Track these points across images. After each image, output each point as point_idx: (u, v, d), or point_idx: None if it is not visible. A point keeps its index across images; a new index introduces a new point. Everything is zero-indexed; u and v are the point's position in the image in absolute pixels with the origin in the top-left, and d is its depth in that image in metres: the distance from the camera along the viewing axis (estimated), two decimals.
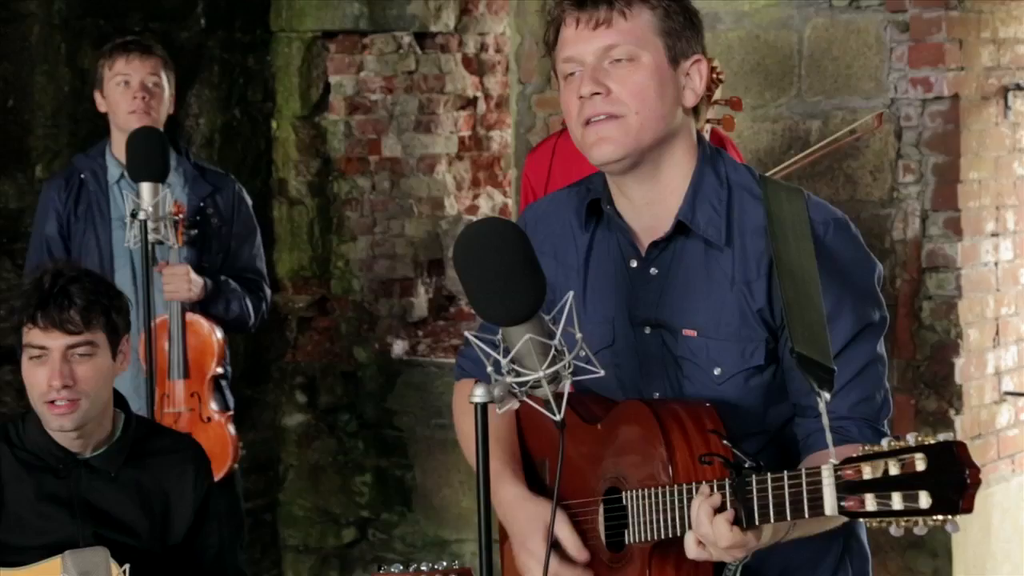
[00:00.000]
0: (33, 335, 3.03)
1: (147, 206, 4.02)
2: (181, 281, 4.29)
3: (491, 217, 2.19)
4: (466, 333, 2.08)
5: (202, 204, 4.46)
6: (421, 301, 6.19)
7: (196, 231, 4.40)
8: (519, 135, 5.47)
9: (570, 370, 2.03)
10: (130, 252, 4.35)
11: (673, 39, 2.27)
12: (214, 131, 5.87)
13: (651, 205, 2.31)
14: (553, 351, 2.01)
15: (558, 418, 2.05)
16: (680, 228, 2.28)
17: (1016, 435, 4.97)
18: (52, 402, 3.02)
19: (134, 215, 4.02)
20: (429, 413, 5.85)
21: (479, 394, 2.01)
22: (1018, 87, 4.80)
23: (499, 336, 2.06)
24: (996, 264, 4.79)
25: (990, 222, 4.76)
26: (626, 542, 2.22)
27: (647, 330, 2.31)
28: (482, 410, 2.02)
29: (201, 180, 4.49)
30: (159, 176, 4.08)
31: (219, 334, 4.40)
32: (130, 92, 4.35)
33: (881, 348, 2.27)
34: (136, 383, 4.34)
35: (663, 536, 2.14)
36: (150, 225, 4.00)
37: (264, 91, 6.07)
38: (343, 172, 6.11)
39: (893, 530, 1.80)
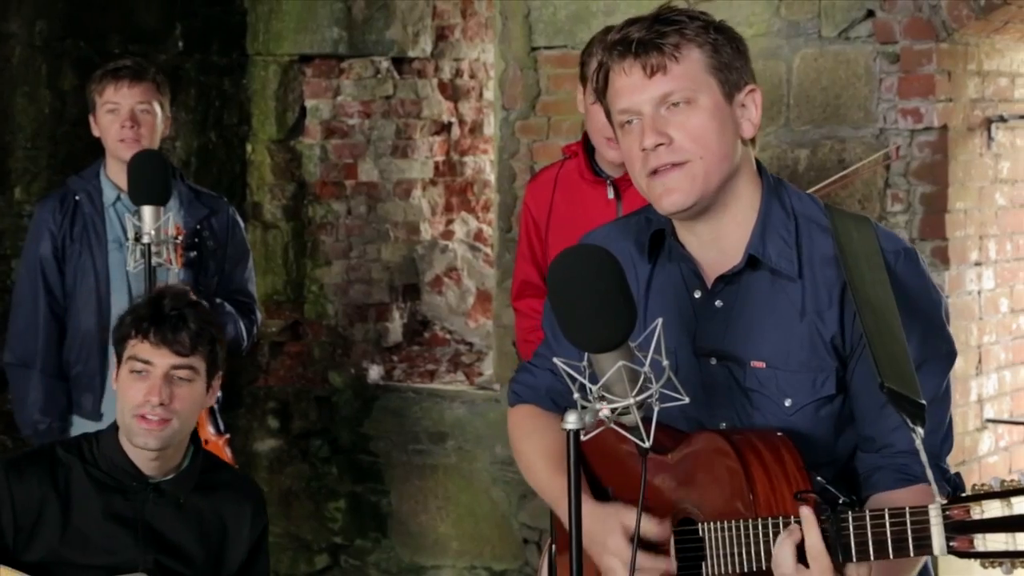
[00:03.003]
0: (141, 349, 3.09)
1: (150, 229, 3.99)
2: None
3: (586, 244, 2.17)
4: (555, 360, 2.06)
5: (198, 227, 4.44)
6: (396, 326, 6.18)
7: (193, 253, 4.37)
8: (502, 161, 5.48)
9: (657, 397, 2.03)
10: (127, 275, 4.33)
11: (725, 73, 2.25)
12: (190, 154, 5.83)
13: (718, 239, 2.31)
14: (642, 378, 2.01)
15: (647, 444, 2.05)
16: (750, 261, 2.28)
17: (996, 462, 5.04)
18: (143, 417, 3.04)
19: (137, 238, 3.99)
20: (406, 438, 5.83)
21: (572, 421, 2.01)
22: (1001, 119, 4.89)
23: (584, 362, 2.06)
24: (979, 293, 4.87)
25: (974, 251, 4.84)
26: (704, 574, 2.21)
27: (713, 361, 2.31)
28: (575, 436, 2.01)
29: (197, 202, 4.47)
30: (161, 199, 4.05)
31: None
32: (118, 121, 4.31)
33: (948, 383, 2.27)
34: None
35: (745, 570, 2.13)
36: (153, 248, 3.97)
37: (240, 114, 6.04)
38: (318, 196, 6.08)
39: (1003, 570, 1.81)
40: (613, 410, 2.02)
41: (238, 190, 5.99)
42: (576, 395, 2.05)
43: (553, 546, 3.19)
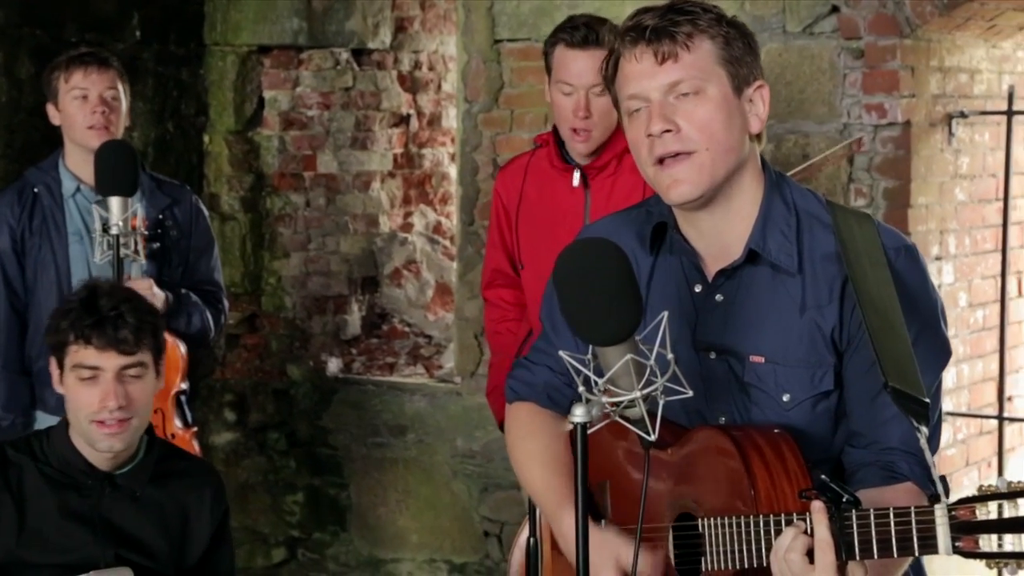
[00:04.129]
0: (86, 355, 3.01)
1: (117, 220, 3.95)
2: (145, 295, 4.21)
3: (594, 237, 2.16)
4: (561, 353, 2.06)
5: (160, 216, 4.38)
6: (355, 319, 6.15)
7: (157, 244, 4.32)
8: (464, 153, 5.47)
9: (662, 390, 2.04)
10: (88, 267, 4.27)
11: (735, 67, 2.27)
12: (147, 144, 5.77)
13: (720, 233, 2.31)
14: (648, 371, 2.01)
15: (652, 438, 2.05)
16: (750, 256, 2.29)
17: (954, 455, 5.10)
18: (101, 422, 2.97)
19: (105, 230, 3.94)
20: (365, 431, 5.80)
21: (579, 414, 2.01)
22: (962, 115, 4.93)
23: (588, 356, 2.06)
24: (939, 287, 4.91)
25: (935, 246, 4.89)
26: (703, 569, 2.21)
27: (712, 355, 2.31)
28: (582, 430, 2.01)
29: (159, 192, 4.41)
30: (129, 190, 4.00)
31: (183, 349, 4.32)
32: (88, 106, 4.25)
33: (940, 381, 2.29)
34: None
35: (745, 566, 2.13)
36: (121, 240, 3.92)
37: (197, 105, 5.98)
38: (276, 188, 6.04)
39: (1008, 571, 1.83)
40: (618, 403, 2.02)
41: (195, 181, 5.93)
42: (581, 388, 2.04)
43: (532, 540, 3.19)
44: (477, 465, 5.55)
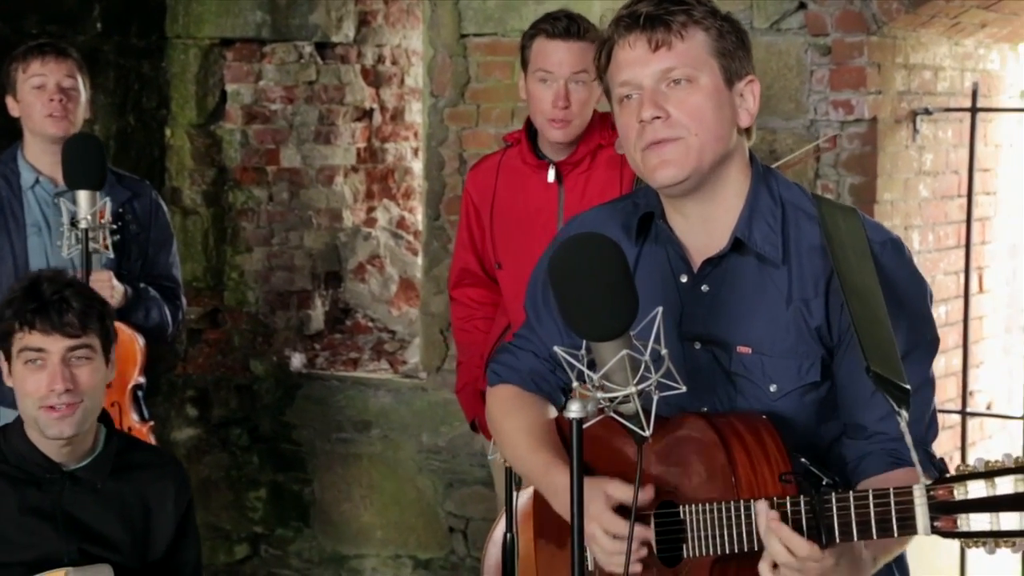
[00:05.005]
0: (31, 339, 3.00)
1: (86, 214, 3.91)
2: (104, 289, 4.17)
3: (589, 232, 2.15)
4: (556, 349, 2.06)
5: (120, 210, 4.34)
6: (318, 314, 6.12)
7: (116, 238, 4.29)
8: (430, 148, 5.45)
9: (655, 385, 2.04)
10: (47, 258, 4.24)
11: (727, 59, 2.29)
12: (108, 137, 5.71)
13: (706, 222, 2.32)
14: (643, 366, 2.02)
15: (647, 433, 2.05)
16: (735, 245, 2.30)
17: None
18: (51, 407, 2.96)
19: (73, 224, 3.90)
20: (329, 427, 5.78)
21: (575, 409, 2.01)
22: (926, 111, 4.97)
23: (581, 351, 2.06)
24: None
25: None
26: (684, 555, 2.22)
27: (697, 346, 2.32)
28: (577, 426, 2.00)
29: (118, 186, 4.37)
30: (97, 184, 3.97)
31: (141, 342, 4.29)
32: (46, 95, 4.22)
33: (932, 370, 2.31)
34: None
35: (726, 551, 2.14)
36: (90, 234, 3.89)
37: (159, 98, 5.94)
38: (239, 182, 6.01)
39: (986, 550, 1.84)
40: (613, 399, 2.02)
41: (157, 175, 5.89)
42: (575, 383, 2.04)
43: (508, 535, 3.18)
44: (442, 461, 5.54)
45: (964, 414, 5.20)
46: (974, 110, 5.10)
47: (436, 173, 5.43)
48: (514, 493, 3.18)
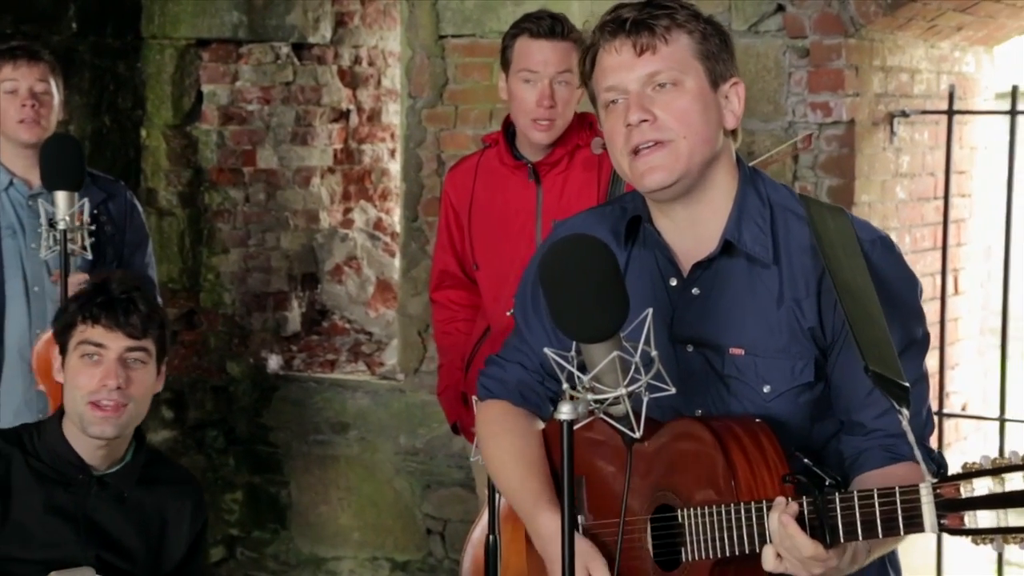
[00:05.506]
0: (93, 333, 3.02)
1: (64, 215, 3.89)
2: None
3: (581, 234, 2.15)
4: (546, 350, 2.06)
5: (95, 211, 4.32)
6: (295, 315, 6.11)
7: (92, 239, 4.26)
8: (408, 149, 5.44)
9: (646, 387, 2.04)
10: (21, 261, 4.22)
11: (712, 62, 2.29)
12: (83, 138, 5.68)
13: (694, 225, 2.33)
14: (633, 368, 2.02)
15: (637, 435, 2.05)
16: (725, 247, 2.30)
17: None
18: (97, 404, 2.97)
19: (52, 225, 3.88)
20: (307, 429, 5.77)
21: (565, 412, 2.00)
22: (903, 114, 4.99)
23: (572, 353, 2.06)
24: None
25: None
26: (684, 559, 2.22)
27: (689, 348, 2.32)
28: (568, 428, 2.00)
29: (93, 187, 4.34)
30: (75, 185, 3.94)
31: None
32: (18, 100, 4.20)
33: (925, 366, 2.32)
34: (27, 396, 4.21)
35: (727, 553, 2.14)
36: (68, 235, 3.87)
37: (134, 98, 5.91)
38: (215, 183, 5.99)
39: (993, 547, 1.85)
40: (602, 400, 2.02)
41: (132, 176, 5.87)
42: (565, 385, 2.04)
43: (492, 537, 3.18)
44: (420, 462, 5.53)
45: (941, 415, 5.22)
46: (951, 112, 5.12)
47: (414, 174, 5.42)
48: (496, 495, 3.19)
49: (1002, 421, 5.15)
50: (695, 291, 2.32)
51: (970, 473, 1.87)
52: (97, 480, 3.05)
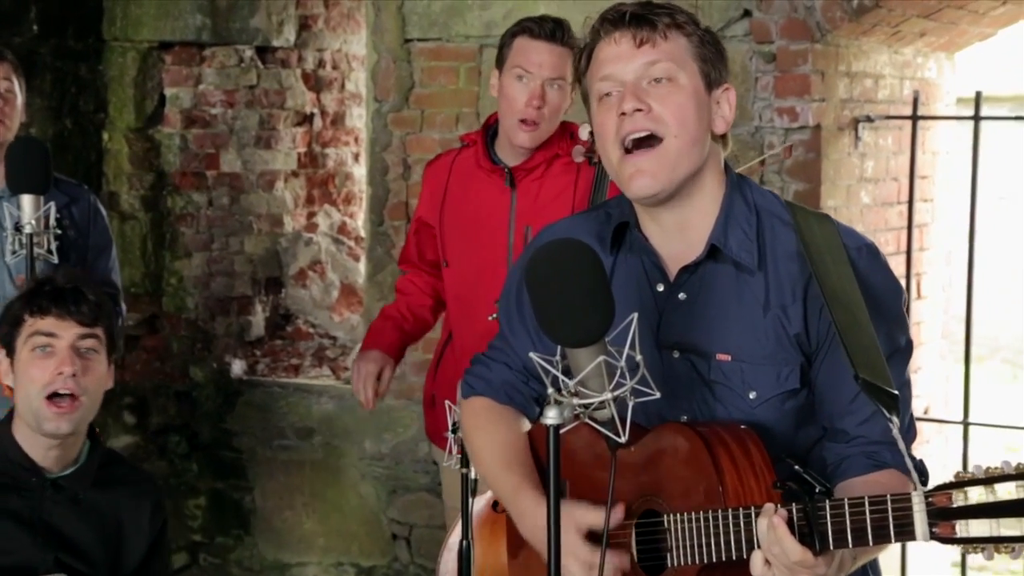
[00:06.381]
0: (43, 324, 3.01)
1: (30, 218, 3.85)
2: None
3: (567, 238, 2.14)
4: (532, 355, 2.05)
5: (58, 216, 4.27)
6: (259, 320, 6.07)
7: (57, 243, 4.22)
8: (374, 153, 5.43)
9: (631, 391, 2.04)
10: None
11: (707, 65, 2.31)
12: (44, 141, 5.61)
13: (682, 230, 2.32)
14: (618, 373, 2.01)
15: (623, 439, 2.05)
16: (711, 252, 2.30)
17: None
18: (53, 400, 2.95)
19: (18, 228, 3.84)
20: (271, 434, 5.74)
21: (552, 416, 2.00)
22: (868, 119, 5.02)
23: (557, 357, 2.05)
24: None
25: None
26: (669, 565, 2.21)
27: (675, 354, 2.32)
28: (554, 432, 2.00)
29: (55, 191, 4.30)
30: (41, 188, 3.91)
31: None
32: None
33: (908, 373, 2.33)
34: None
35: (713, 559, 2.14)
36: (35, 239, 3.83)
37: (96, 101, 5.86)
38: (178, 187, 5.95)
39: (984, 556, 1.85)
40: (588, 405, 2.02)
41: (94, 179, 5.82)
42: (550, 389, 2.03)
43: (464, 542, 3.17)
44: (386, 467, 5.51)
45: None
46: (915, 118, 5.16)
47: (380, 178, 5.40)
48: (470, 502, 3.18)
49: (966, 425, 5.19)
50: (682, 296, 2.32)
51: (962, 482, 1.87)
52: (51, 483, 3.02)
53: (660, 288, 2.34)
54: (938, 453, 5.53)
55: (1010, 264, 10.53)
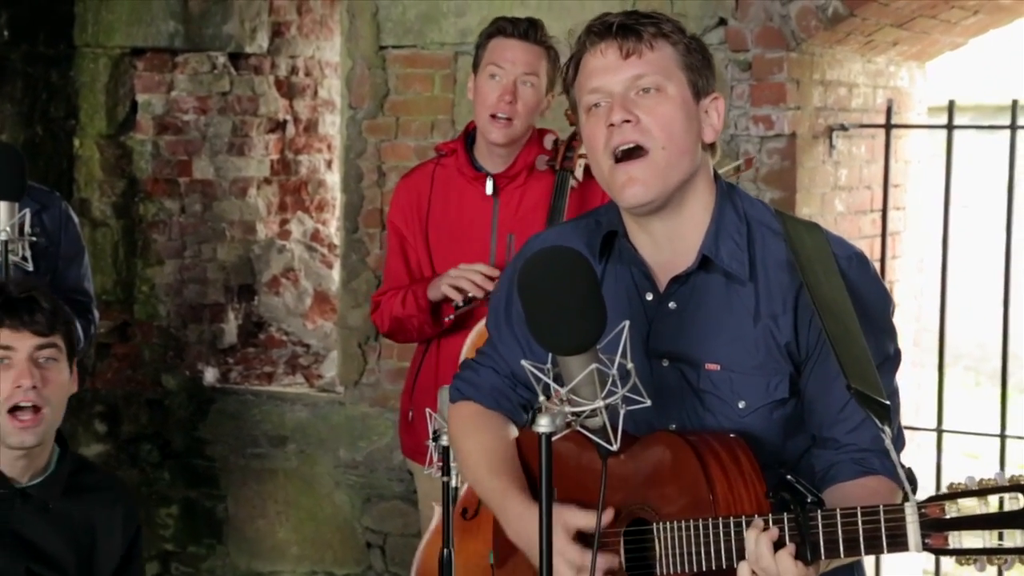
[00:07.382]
0: None
1: (5, 226, 3.82)
2: None
3: (560, 246, 2.14)
4: (523, 362, 2.05)
5: (29, 223, 4.24)
6: (231, 327, 6.04)
7: (30, 250, 4.18)
8: (349, 160, 5.41)
9: (622, 400, 2.03)
10: None
11: (695, 74, 2.30)
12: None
13: (672, 240, 2.33)
14: (610, 380, 2.01)
15: (615, 447, 2.04)
16: (702, 262, 2.30)
17: None
18: (15, 413, 2.91)
19: None
20: (244, 442, 5.71)
21: (544, 424, 1.99)
22: (842, 127, 5.04)
23: (548, 364, 2.05)
24: None
25: None
26: (657, 574, 2.21)
27: (665, 363, 2.32)
28: (546, 440, 1.99)
29: (26, 197, 4.27)
30: (16, 195, 3.87)
31: None
32: None
33: (897, 382, 2.33)
34: None
35: (702, 569, 2.14)
36: (9, 247, 3.80)
37: (67, 107, 5.83)
38: (149, 194, 5.91)
39: (976, 567, 1.86)
40: (579, 413, 2.01)
41: (65, 186, 5.78)
42: (541, 397, 2.03)
43: (446, 551, 3.16)
44: (360, 475, 5.49)
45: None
46: (888, 126, 5.18)
47: (354, 185, 5.39)
48: (451, 510, 3.17)
49: (939, 432, 5.21)
50: (671, 305, 2.32)
51: (955, 493, 1.88)
52: (20, 492, 2.98)
53: (649, 297, 2.34)
54: (911, 461, 5.54)
55: (972, 272, 10.59)
